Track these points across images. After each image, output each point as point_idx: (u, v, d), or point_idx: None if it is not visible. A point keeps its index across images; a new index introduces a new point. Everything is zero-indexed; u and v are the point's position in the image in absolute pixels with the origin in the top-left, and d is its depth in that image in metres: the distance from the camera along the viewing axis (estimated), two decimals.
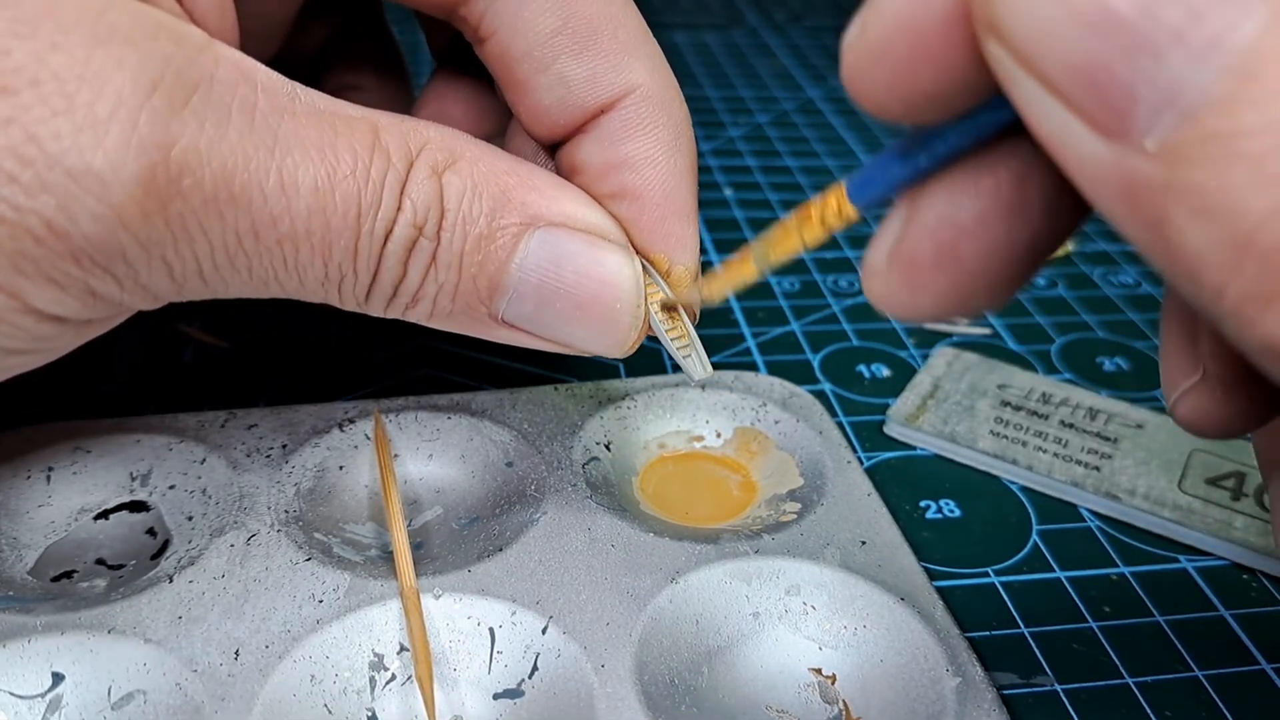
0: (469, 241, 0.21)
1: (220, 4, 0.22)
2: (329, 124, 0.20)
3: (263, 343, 0.36)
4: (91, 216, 0.17)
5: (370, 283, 0.21)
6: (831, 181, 0.51)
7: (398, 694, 0.23)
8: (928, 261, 0.15)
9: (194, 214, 0.18)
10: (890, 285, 0.16)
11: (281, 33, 0.27)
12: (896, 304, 0.16)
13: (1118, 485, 0.31)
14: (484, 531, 0.27)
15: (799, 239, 0.18)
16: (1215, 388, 0.17)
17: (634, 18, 0.24)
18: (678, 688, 0.23)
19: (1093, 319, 0.41)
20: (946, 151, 0.15)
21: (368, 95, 0.32)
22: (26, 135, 0.17)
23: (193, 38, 0.19)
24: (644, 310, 0.23)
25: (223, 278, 0.20)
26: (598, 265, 0.22)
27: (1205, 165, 0.10)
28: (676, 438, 0.32)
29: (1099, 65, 0.11)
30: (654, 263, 0.24)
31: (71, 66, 0.17)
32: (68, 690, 0.22)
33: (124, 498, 0.28)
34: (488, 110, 0.29)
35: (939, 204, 0.15)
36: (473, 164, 0.21)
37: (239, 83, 0.19)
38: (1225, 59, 0.10)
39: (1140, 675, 0.25)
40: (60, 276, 0.18)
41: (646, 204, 0.24)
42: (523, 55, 0.23)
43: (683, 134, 0.24)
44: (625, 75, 0.23)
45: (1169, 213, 0.11)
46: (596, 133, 0.24)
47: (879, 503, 0.28)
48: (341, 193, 0.19)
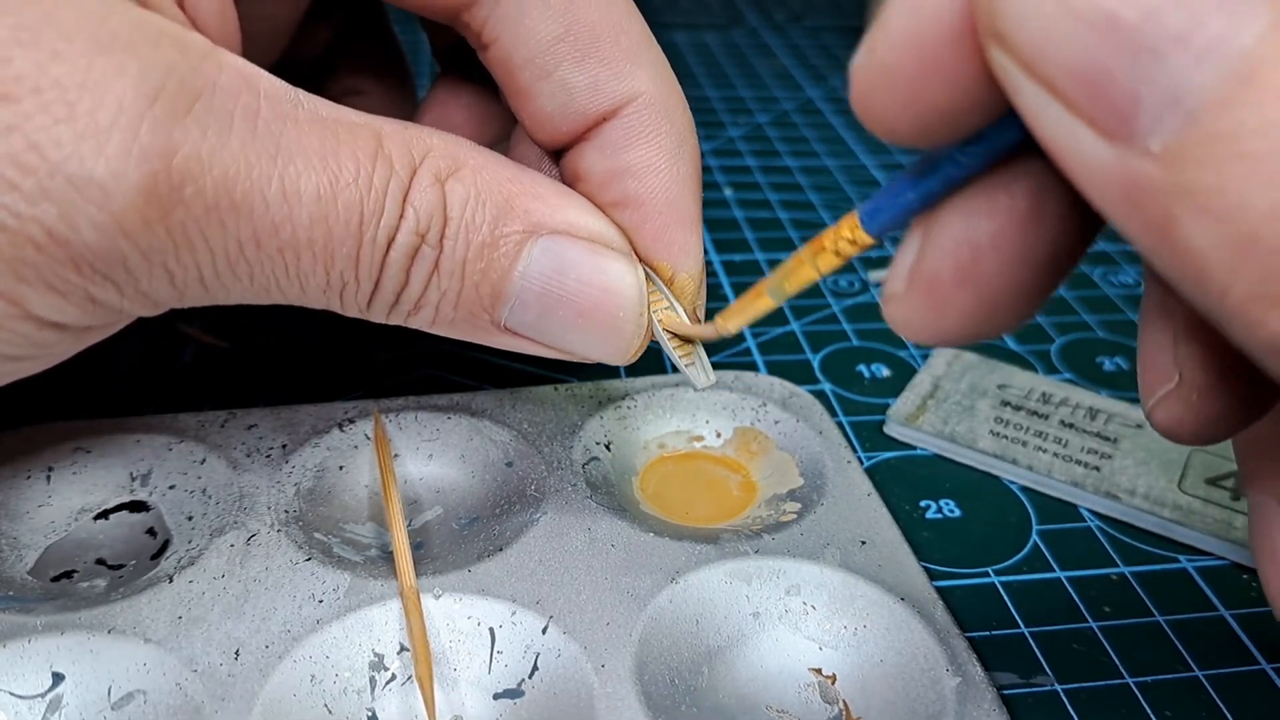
0: (472, 249, 0.21)
1: (222, 10, 0.22)
2: (332, 131, 0.20)
3: (263, 343, 0.36)
4: (93, 224, 0.17)
5: (372, 290, 0.21)
6: (831, 181, 0.51)
7: (398, 694, 0.23)
8: (949, 281, 0.15)
9: (196, 222, 0.18)
10: (912, 309, 0.16)
11: (285, 37, 0.27)
12: (920, 327, 0.16)
13: (1118, 485, 0.31)
14: (484, 531, 0.27)
15: (813, 269, 0.18)
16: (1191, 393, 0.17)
17: (637, 24, 0.24)
18: (678, 688, 0.23)
19: (1093, 319, 0.41)
20: (959, 174, 0.15)
21: (371, 99, 0.32)
22: (28, 143, 0.17)
23: (195, 45, 0.19)
24: (647, 318, 0.23)
25: (224, 285, 0.20)
26: (600, 273, 0.22)
27: (1209, 166, 0.11)
28: (676, 438, 0.32)
29: (1102, 69, 0.11)
30: (658, 270, 0.24)
31: (73, 74, 0.17)
32: (68, 690, 0.22)
33: (124, 498, 0.28)
34: (492, 115, 0.29)
35: (955, 224, 0.15)
36: (476, 171, 0.21)
37: (242, 90, 0.19)
38: (1227, 61, 0.10)
39: (1140, 675, 0.25)
40: (61, 284, 0.18)
41: (649, 212, 0.24)
42: (524, 62, 0.23)
43: (686, 141, 0.24)
44: (627, 83, 0.23)
45: (1173, 214, 0.11)
46: (599, 140, 0.24)
47: (879, 503, 0.28)
48: (344, 200, 0.19)
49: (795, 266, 0.19)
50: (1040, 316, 0.40)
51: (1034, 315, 0.16)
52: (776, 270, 0.20)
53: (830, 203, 0.49)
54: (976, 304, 0.15)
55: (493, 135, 0.29)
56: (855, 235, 0.17)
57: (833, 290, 0.42)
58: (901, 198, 0.16)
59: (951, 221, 0.15)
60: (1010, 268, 0.15)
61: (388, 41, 0.33)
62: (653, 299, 0.24)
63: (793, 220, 0.47)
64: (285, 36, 0.27)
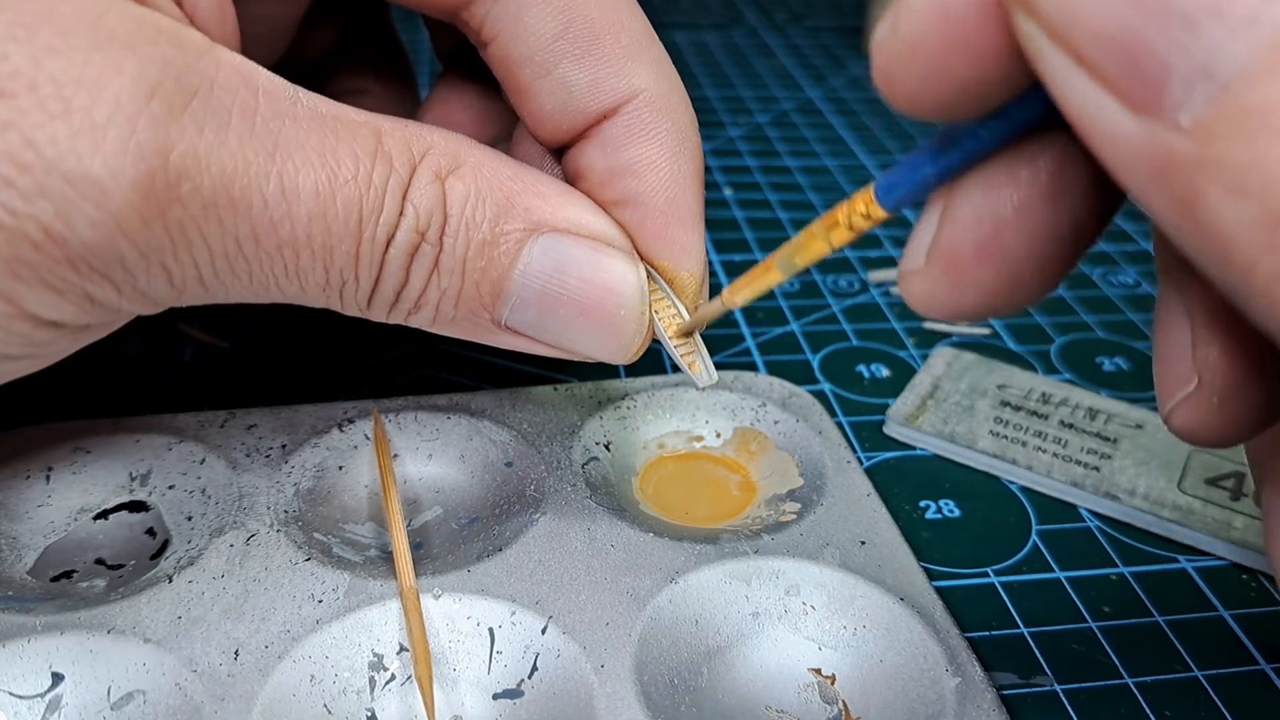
0: (472, 247, 0.21)
1: (221, 7, 0.21)
2: (331, 128, 0.20)
3: (263, 343, 0.36)
4: (89, 222, 0.17)
5: (372, 289, 0.21)
6: (831, 181, 0.51)
7: (397, 694, 0.23)
8: (970, 255, 0.15)
9: (193, 220, 0.18)
10: (932, 283, 0.16)
11: (287, 36, 0.27)
12: (939, 302, 0.16)
13: (1117, 485, 0.31)
14: (484, 532, 0.27)
15: (825, 243, 0.18)
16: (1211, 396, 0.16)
17: (638, 21, 0.24)
18: (677, 688, 0.23)
19: (1092, 319, 0.41)
20: (980, 148, 0.15)
21: (373, 98, 0.32)
22: (24, 140, 0.17)
23: (193, 41, 0.19)
24: (648, 317, 0.23)
25: (223, 283, 0.20)
26: (601, 272, 0.22)
27: (1240, 140, 0.10)
28: (676, 438, 0.32)
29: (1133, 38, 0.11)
30: (659, 269, 0.24)
31: (69, 71, 0.17)
32: (67, 690, 0.22)
33: (123, 498, 0.28)
34: (494, 113, 0.29)
35: (976, 197, 0.15)
36: (476, 169, 0.21)
37: (239, 87, 0.19)
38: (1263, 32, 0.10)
39: (1140, 675, 0.25)
40: (57, 282, 0.18)
41: (649, 210, 0.23)
42: (524, 60, 0.23)
43: (688, 139, 0.24)
44: (628, 80, 0.23)
45: (1201, 189, 0.11)
46: (600, 138, 0.24)
47: (878, 503, 0.28)
48: (343, 198, 0.19)
49: (807, 240, 0.19)
50: (1040, 316, 0.40)
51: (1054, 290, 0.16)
52: (787, 244, 0.19)
53: (830, 203, 0.49)
54: (997, 278, 0.15)
55: (495, 133, 0.29)
56: (870, 210, 0.17)
57: (833, 290, 0.42)
58: (919, 172, 0.16)
59: (972, 194, 0.15)
60: (1032, 241, 0.15)
61: (390, 40, 0.33)
62: (654, 298, 0.24)
63: (792, 220, 0.47)
64: (286, 36, 0.27)
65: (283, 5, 0.26)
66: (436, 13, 0.24)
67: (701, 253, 0.24)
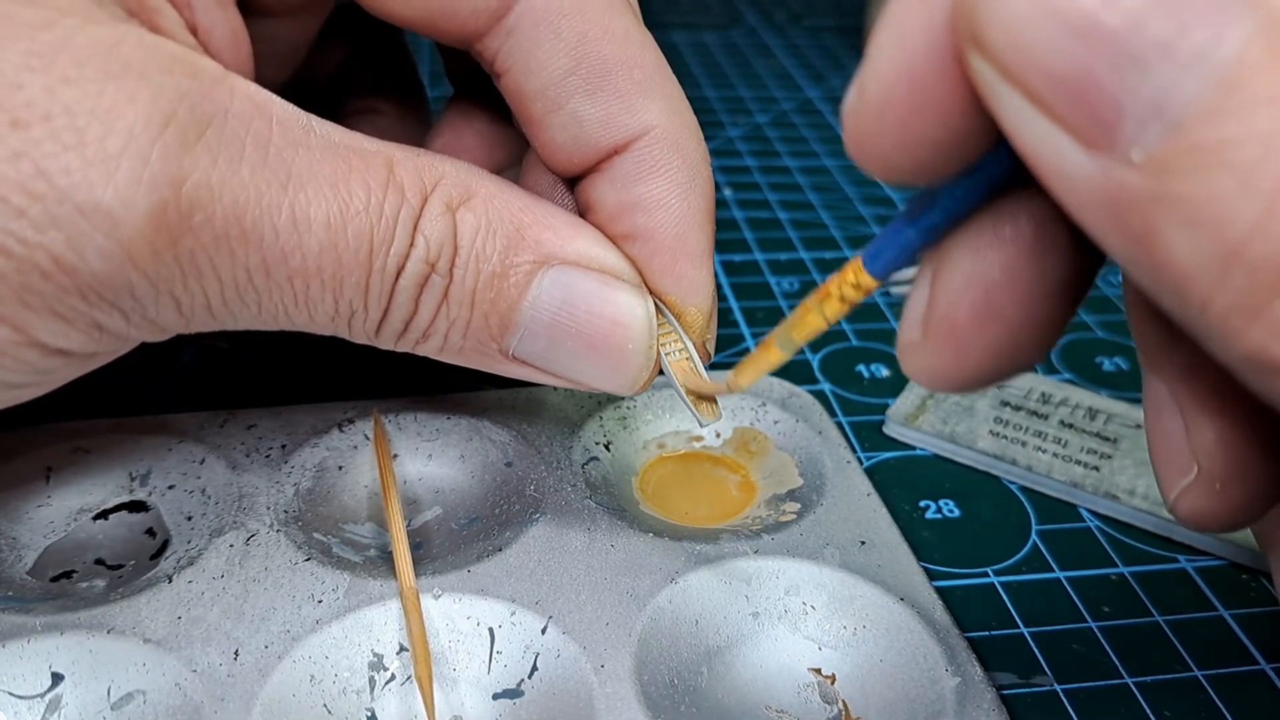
0: (481, 279, 0.21)
1: (235, 35, 0.21)
2: (343, 158, 0.20)
3: (263, 343, 0.36)
4: (100, 252, 0.17)
5: (381, 319, 0.21)
6: (830, 181, 0.51)
7: (397, 694, 0.23)
8: (966, 321, 0.15)
9: (204, 250, 0.18)
10: (932, 355, 0.16)
11: (299, 56, 0.27)
12: (943, 373, 0.16)
13: (1117, 485, 0.31)
14: (483, 531, 0.27)
15: (820, 317, 0.18)
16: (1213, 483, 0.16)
17: (651, 56, 0.23)
18: (677, 688, 0.23)
19: (1092, 319, 0.41)
20: (958, 206, 0.15)
21: (385, 118, 0.31)
22: (36, 170, 0.17)
23: (208, 70, 0.19)
24: (656, 350, 0.23)
25: (232, 312, 0.20)
26: (610, 305, 0.22)
27: (1192, 176, 0.10)
28: (676, 438, 0.32)
29: (1085, 77, 0.11)
30: (668, 304, 0.24)
31: (83, 101, 0.17)
32: (67, 690, 0.22)
33: (123, 498, 0.28)
34: (505, 139, 0.29)
35: (963, 261, 0.15)
36: (487, 200, 0.21)
37: (254, 116, 0.19)
38: (1212, 70, 0.10)
39: (1139, 675, 0.25)
40: (66, 311, 0.18)
41: (658, 247, 0.23)
42: (536, 94, 0.23)
43: (698, 175, 0.24)
44: (640, 116, 0.23)
45: (1155, 225, 0.11)
46: (611, 173, 0.23)
47: (878, 503, 0.28)
48: (354, 229, 0.19)
49: (802, 315, 0.19)
50: None
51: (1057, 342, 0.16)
52: (784, 321, 0.19)
53: (830, 203, 0.49)
54: (998, 341, 0.15)
55: (506, 159, 0.29)
56: (860, 279, 0.17)
57: None
58: (902, 235, 0.15)
59: (960, 260, 0.15)
60: (1026, 299, 0.15)
61: (402, 60, 0.32)
62: (662, 332, 0.24)
63: (792, 220, 0.47)
64: (299, 56, 0.27)
65: (296, 26, 0.26)
66: (449, 42, 0.24)
67: (710, 289, 0.24)
